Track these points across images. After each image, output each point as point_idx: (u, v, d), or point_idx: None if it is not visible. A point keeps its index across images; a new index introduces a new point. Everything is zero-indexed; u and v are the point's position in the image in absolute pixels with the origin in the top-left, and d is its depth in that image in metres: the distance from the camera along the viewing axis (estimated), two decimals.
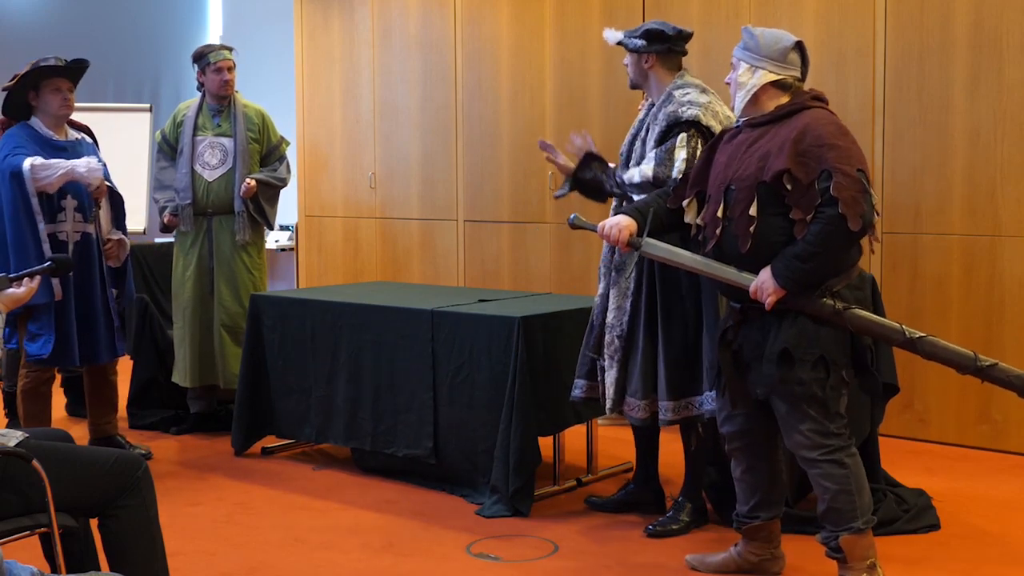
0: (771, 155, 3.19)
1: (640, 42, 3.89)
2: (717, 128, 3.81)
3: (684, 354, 3.83)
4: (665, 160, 3.76)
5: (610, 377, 3.92)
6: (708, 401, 3.80)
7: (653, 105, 3.97)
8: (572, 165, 4.16)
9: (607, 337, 3.93)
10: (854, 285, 3.29)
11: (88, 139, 4.91)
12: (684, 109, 3.79)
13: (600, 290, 4.04)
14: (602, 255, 4.06)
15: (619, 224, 3.48)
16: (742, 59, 3.33)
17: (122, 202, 4.93)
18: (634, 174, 3.82)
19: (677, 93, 3.86)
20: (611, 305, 3.93)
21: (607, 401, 3.94)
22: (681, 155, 3.74)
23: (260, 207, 5.49)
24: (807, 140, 3.16)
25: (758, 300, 3.23)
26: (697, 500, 4.07)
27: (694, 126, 3.78)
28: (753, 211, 3.21)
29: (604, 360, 3.96)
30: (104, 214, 4.83)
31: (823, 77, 5.41)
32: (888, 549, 3.77)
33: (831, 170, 3.11)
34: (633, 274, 3.88)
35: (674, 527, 3.99)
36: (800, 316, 3.21)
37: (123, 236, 4.89)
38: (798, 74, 3.33)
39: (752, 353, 3.32)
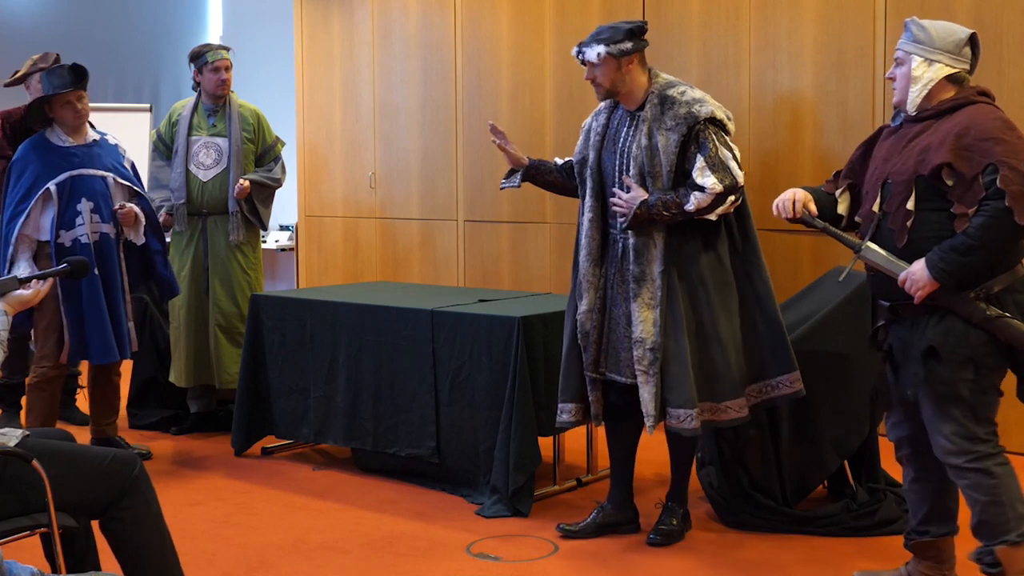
0: (931, 149, 3.07)
1: (628, 44, 3.75)
2: (726, 120, 3.75)
3: (745, 341, 3.79)
4: (719, 167, 3.67)
5: (647, 392, 3.72)
6: (786, 384, 3.77)
7: (619, 108, 3.86)
8: (522, 155, 4.12)
9: (636, 352, 3.73)
10: (1015, 289, 3.08)
11: (110, 139, 4.93)
12: (698, 107, 3.70)
13: (584, 305, 3.86)
14: (582, 269, 3.88)
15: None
16: (914, 52, 3.18)
17: (152, 210, 4.97)
18: (700, 199, 3.65)
19: (674, 92, 3.75)
20: (635, 319, 3.73)
21: (648, 419, 3.74)
22: (728, 155, 3.69)
23: (254, 207, 5.48)
24: (971, 135, 3.03)
25: (906, 292, 3.09)
26: (685, 502, 4.00)
27: (712, 122, 3.71)
28: (910, 205, 3.09)
29: (636, 377, 3.76)
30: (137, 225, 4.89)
31: (823, 77, 5.41)
32: (888, 549, 3.77)
33: (998, 163, 2.96)
34: (658, 282, 3.73)
35: (674, 533, 3.92)
36: (950, 314, 3.07)
37: (138, 210, 4.83)
38: (968, 67, 3.19)
39: (901, 354, 3.20)
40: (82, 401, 5.69)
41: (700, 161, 3.69)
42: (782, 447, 4.01)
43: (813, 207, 3.32)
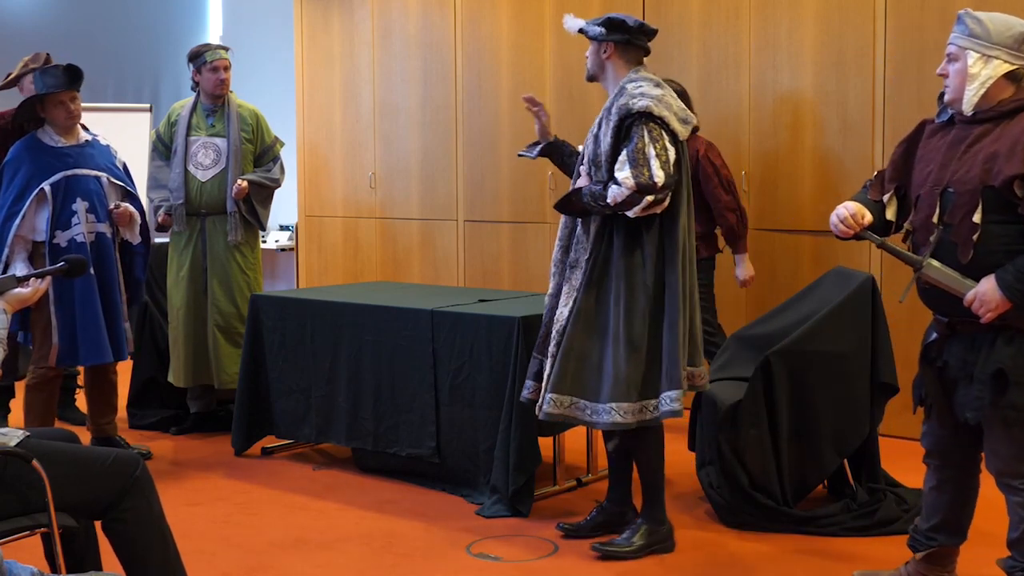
0: (1000, 157, 2.88)
1: (599, 30, 3.77)
2: (672, 119, 3.63)
3: (645, 352, 3.66)
4: (639, 162, 3.58)
5: (545, 371, 3.79)
6: (666, 402, 3.62)
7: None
8: (550, 130, 4.06)
9: (554, 330, 3.79)
10: None
11: (101, 140, 4.94)
12: (635, 101, 3.61)
13: (551, 289, 3.90)
14: (553, 254, 3.91)
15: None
16: (969, 48, 2.97)
17: (143, 212, 5.01)
18: (616, 193, 3.60)
19: (629, 86, 3.71)
20: (561, 302, 3.80)
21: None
22: (652, 152, 3.59)
23: (252, 208, 5.48)
24: None
25: (973, 312, 2.92)
26: (656, 520, 3.84)
27: (646, 117, 3.61)
28: (977, 218, 2.90)
29: (547, 359, 3.81)
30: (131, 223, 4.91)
31: (823, 77, 5.41)
32: (888, 549, 3.77)
33: None
34: (584, 268, 3.75)
35: (625, 549, 3.78)
36: (1019, 334, 2.92)
37: (133, 210, 4.89)
38: None
39: (960, 372, 3.05)
40: (82, 401, 5.69)
41: (623, 154, 3.64)
42: (782, 447, 4.01)
43: (869, 217, 3.14)
